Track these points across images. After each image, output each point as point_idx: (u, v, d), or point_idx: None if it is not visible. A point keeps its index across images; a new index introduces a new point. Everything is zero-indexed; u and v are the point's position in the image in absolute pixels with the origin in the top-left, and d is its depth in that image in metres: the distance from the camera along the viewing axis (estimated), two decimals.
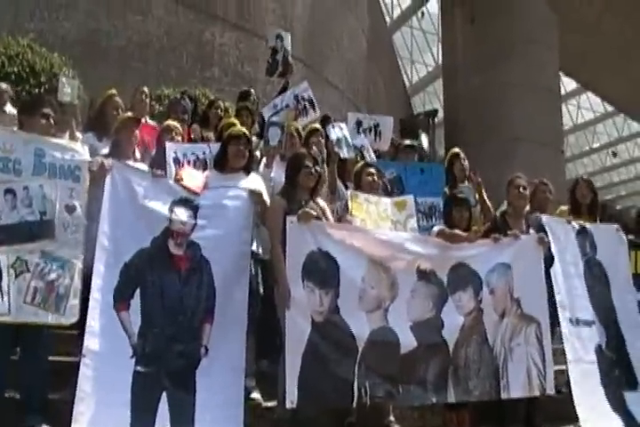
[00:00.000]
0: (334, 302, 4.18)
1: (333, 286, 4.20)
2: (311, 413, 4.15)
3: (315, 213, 4.28)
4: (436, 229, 4.99)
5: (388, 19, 22.59)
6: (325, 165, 5.28)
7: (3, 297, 3.74)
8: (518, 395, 4.72)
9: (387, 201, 4.98)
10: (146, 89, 6.21)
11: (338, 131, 5.78)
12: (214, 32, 11.67)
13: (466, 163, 6.32)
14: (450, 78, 17.60)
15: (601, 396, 5.02)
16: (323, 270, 4.20)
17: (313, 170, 4.45)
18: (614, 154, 28.47)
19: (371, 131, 6.77)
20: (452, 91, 17.20)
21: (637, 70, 19.41)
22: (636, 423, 4.99)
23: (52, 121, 4.25)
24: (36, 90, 7.18)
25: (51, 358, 4.05)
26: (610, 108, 25.89)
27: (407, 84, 23.68)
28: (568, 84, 24.00)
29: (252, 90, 7.86)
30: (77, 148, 4.27)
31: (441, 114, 18.13)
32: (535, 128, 15.22)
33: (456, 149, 6.53)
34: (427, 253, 4.62)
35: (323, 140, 5.68)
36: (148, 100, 6.26)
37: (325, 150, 5.57)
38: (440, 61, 20.01)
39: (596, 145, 29.44)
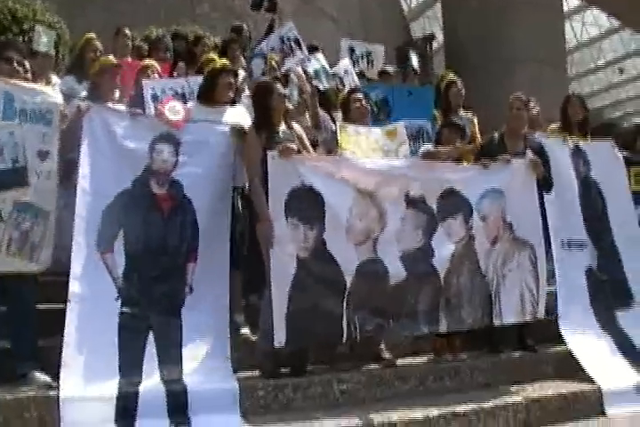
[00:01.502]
0: (320, 237, 4.02)
1: (318, 220, 4.03)
2: (295, 347, 4.05)
3: (295, 147, 4.07)
4: (422, 149, 4.80)
5: None
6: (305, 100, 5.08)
7: None
8: (511, 321, 4.61)
9: (377, 131, 4.76)
10: (127, 30, 6.03)
11: (315, 63, 5.54)
12: None
13: (462, 90, 6.05)
14: (448, 1, 16.93)
15: (589, 316, 4.92)
16: (307, 205, 4.03)
17: (283, 92, 4.28)
18: (621, 70, 27.61)
19: (363, 58, 6.51)
20: (452, 13, 16.57)
21: None
22: (629, 340, 4.90)
23: (15, 66, 4.01)
24: (20, 38, 6.89)
25: (41, 305, 3.96)
26: (616, 24, 24.98)
27: (405, 9, 22.87)
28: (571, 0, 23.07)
29: (245, 24, 7.52)
30: (48, 91, 4.08)
31: (441, 38, 17.53)
32: (537, 47, 14.70)
33: (452, 76, 6.24)
34: (415, 177, 4.41)
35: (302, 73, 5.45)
36: (130, 42, 6.01)
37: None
38: None
39: (601, 62, 28.51)
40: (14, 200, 3.76)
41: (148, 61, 5.31)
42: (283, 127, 4.26)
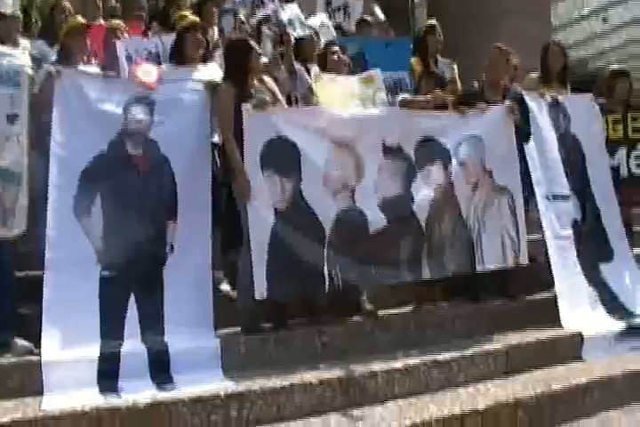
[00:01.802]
0: (297, 188, 3.97)
1: (294, 171, 3.97)
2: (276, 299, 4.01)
3: (269, 99, 3.98)
4: (400, 97, 4.71)
5: None
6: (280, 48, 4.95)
7: None
8: (493, 267, 4.55)
9: (353, 79, 4.69)
10: None
11: (288, 11, 5.39)
12: None
13: (441, 37, 5.89)
14: None
15: (577, 269, 4.88)
16: (282, 157, 3.97)
17: (259, 50, 4.18)
18: (604, 20, 27.22)
19: (340, 10, 6.33)
20: None
21: None
22: (610, 291, 4.92)
23: None
24: None
25: (22, 273, 3.90)
26: None
27: None
28: None
29: None
30: (15, 53, 3.95)
31: None
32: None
33: (432, 21, 6.10)
34: (392, 125, 4.32)
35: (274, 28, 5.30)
36: (100, 2, 5.79)
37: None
38: None
39: (585, 11, 28.07)
40: None
41: (114, 22, 5.18)
42: (255, 82, 4.15)
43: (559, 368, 4.22)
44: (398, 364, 3.78)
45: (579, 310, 4.67)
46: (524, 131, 4.74)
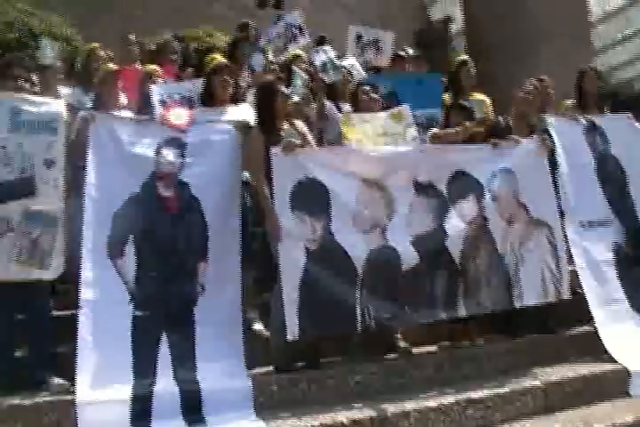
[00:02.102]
0: (327, 228, 4.05)
1: (324, 211, 4.06)
2: (308, 339, 4.04)
3: (298, 142, 4.09)
4: (429, 132, 4.76)
5: None
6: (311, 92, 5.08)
7: None
8: (533, 302, 4.51)
9: (382, 115, 4.73)
10: (131, 36, 6.10)
11: (322, 55, 5.53)
12: None
13: (473, 71, 5.95)
14: None
15: (618, 295, 4.77)
16: (312, 197, 4.06)
17: (286, 92, 4.29)
18: None
19: (371, 46, 6.45)
20: None
21: None
22: None
23: (20, 82, 4.13)
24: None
25: (59, 312, 4.06)
26: None
27: None
28: None
29: (251, 22, 7.49)
30: (52, 101, 4.17)
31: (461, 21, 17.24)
32: (560, 22, 14.37)
33: (463, 57, 6.21)
34: (422, 162, 4.39)
35: (306, 65, 5.42)
36: (136, 48, 6.05)
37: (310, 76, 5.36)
38: None
39: (628, 32, 27.73)
40: (23, 209, 3.85)
41: (148, 67, 5.37)
42: (285, 125, 4.27)
43: (603, 405, 4.11)
44: (432, 403, 3.76)
45: (624, 339, 4.54)
46: (551, 162, 4.76)
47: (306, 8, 11.80)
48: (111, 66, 4.76)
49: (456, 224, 4.37)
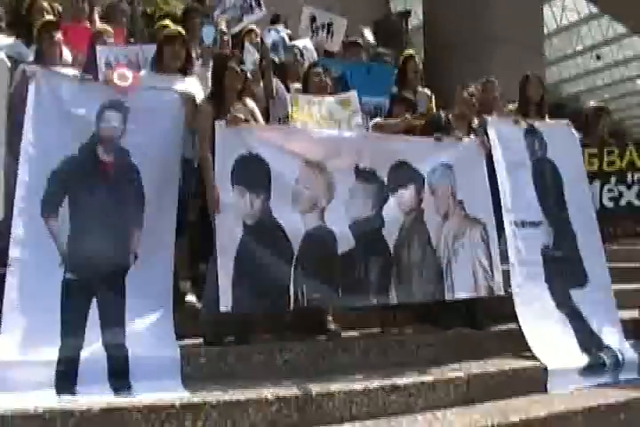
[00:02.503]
0: (266, 205, 4.13)
1: (264, 187, 4.14)
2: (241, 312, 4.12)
3: (243, 117, 4.16)
4: (372, 122, 4.88)
5: None
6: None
7: None
8: (464, 296, 4.71)
9: (330, 100, 4.84)
10: None
11: (274, 34, 5.59)
12: None
13: (420, 66, 6.14)
14: None
15: (545, 295, 4.99)
16: (252, 173, 4.13)
17: (239, 70, 4.30)
18: (598, 57, 27.83)
19: (324, 28, 6.53)
20: None
21: None
22: (581, 317, 5.00)
23: None
24: None
25: None
26: (595, 10, 25.13)
27: None
28: None
29: None
30: None
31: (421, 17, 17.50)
32: (516, 29, 14.76)
33: (410, 51, 6.35)
34: (365, 148, 4.50)
35: (258, 40, 5.47)
36: (86, 6, 5.94)
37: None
38: None
39: (579, 48, 28.69)
40: None
41: (102, 26, 5.30)
42: (236, 101, 4.33)
43: (521, 400, 4.29)
44: (357, 386, 3.87)
45: (546, 338, 4.74)
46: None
47: None
48: (50, 17, 4.67)
49: (393, 213, 4.52)
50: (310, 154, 4.30)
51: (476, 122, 5.22)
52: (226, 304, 3.93)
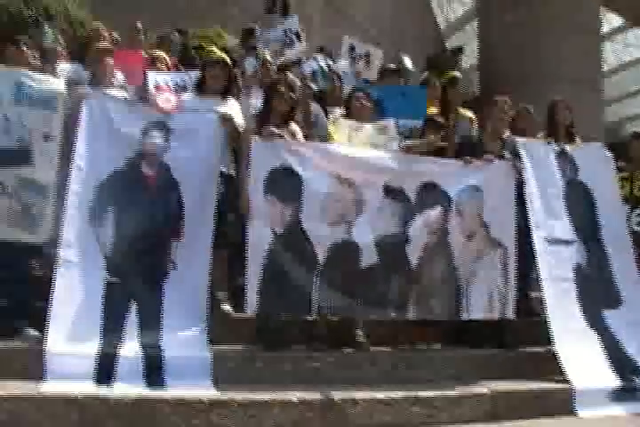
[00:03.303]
0: (296, 215, 4.49)
1: (295, 199, 4.50)
2: (278, 324, 4.49)
3: (278, 131, 4.55)
4: (403, 144, 5.17)
5: None
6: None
7: None
8: (479, 317, 4.90)
9: (368, 127, 5.15)
10: (139, 24, 6.70)
11: (313, 63, 5.98)
12: None
13: (462, 88, 6.40)
14: (484, 16, 17.16)
15: (577, 313, 5.05)
16: (285, 185, 4.50)
17: (287, 96, 4.71)
18: None
19: (361, 58, 6.93)
20: (487, 29, 16.78)
21: None
22: (614, 338, 5.03)
23: (24, 49, 4.71)
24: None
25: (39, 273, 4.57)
26: None
27: (444, 23, 23.26)
28: (613, 20, 23.11)
29: (257, 27, 8.00)
30: (53, 79, 4.69)
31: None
32: (573, 68, 14.79)
33: (454, 73, 6.59)
34: (395, 169, 4.79)
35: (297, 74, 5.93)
36: (142, 36, 6.55)
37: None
38: None
39: None
40: (17, 176, 4.34)
41: (157, 53, 5.92)
42: (278, 123, 4.73)
43: (547, 421, 4.37)
44: (381, 395, 4.08)
45: (576, 358, 4.76)
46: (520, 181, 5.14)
47: (316, 22, 12.41)
48: (105, 44, 5.28)
49: (419, 231, 4.79)
50: (341, 170, 4.63)
51: (507, 134, 5.41)
52: (252, 307, 4.29)
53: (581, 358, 4.80)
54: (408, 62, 7.65)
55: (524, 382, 4.67)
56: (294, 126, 4.87)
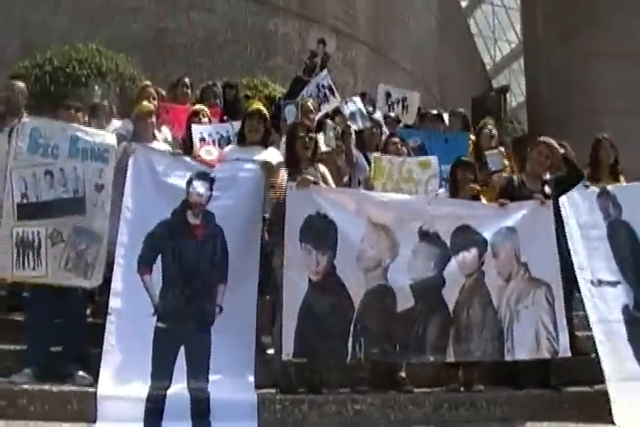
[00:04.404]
0: (331, 262, 4.65)
1: (330, 246, 4.67)
2: (319, 367, 4.66)
3: (313, 179, 4.76)
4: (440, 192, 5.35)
5: None
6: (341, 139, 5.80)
7: (41, 262, 4.52)
8: (524, 357, 4.92)
9: (411, 161, 5.37)
10: (186, 79, 7.10)
11: (351, 105, 6.25)
12: (277, 23, 12.26)
13: (494, 131, 6.46)
14: (531, 52, 17.29)
15: (628, 355, 5.05)
16: (320, 232, 4.67)
17: (306, 138, 4.94)
18: None
19: (398, 103, 7.18)
20: (534, 65, 16.90)
21: None
22: None
23: (73, 111, 5.16)
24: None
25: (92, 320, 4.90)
26: None
27: (490, 62, 23.57)
28: None
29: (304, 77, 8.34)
30: (106, 134, 5.08)
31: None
32: (623, 99, 14.79)
33: (486, 120, 6.77)
34: (430, 213, 4.94)
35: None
36: (189, 90, 6.98)
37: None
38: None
39: None
40: (73, 225, 4.66)
41: (198, 107, 6.27)
42: (307, 165, 4.96)
43: None
44: None
45: (627, 400, 4.72)
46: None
47: (361, 67, 12.76)
48: (145, 104, 5.60)
49: (455, 275, 4.90)
50: (376, 216, 4.80)
51: (548, 176, 5.51)
52: (288, 352, 4.44)
53: (632, 401, 4.77)
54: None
55: (570, 424, 4.69)
56: (322, 167, 5.09)
